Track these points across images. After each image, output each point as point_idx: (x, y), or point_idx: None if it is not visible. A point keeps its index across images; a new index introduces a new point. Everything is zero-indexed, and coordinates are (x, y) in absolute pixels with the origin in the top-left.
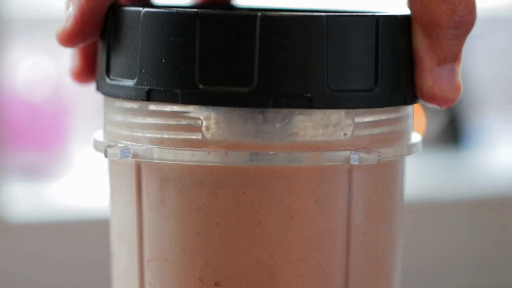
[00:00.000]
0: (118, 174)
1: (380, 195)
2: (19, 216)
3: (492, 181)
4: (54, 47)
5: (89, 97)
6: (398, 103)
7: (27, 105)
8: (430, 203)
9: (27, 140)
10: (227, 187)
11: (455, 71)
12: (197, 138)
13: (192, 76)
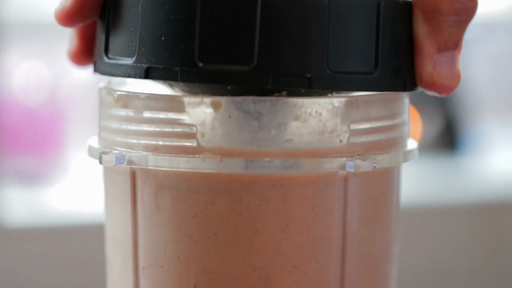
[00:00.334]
0: (113, 181)
1: (376, 202)
2: (15, 221)
3: (488, 187)
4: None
5: (85, 102)
6: (397, 88)
7: (23, 110)
8: (426, 208)
9: (23, 145)
10: (223, 195)
11: (455, 58)
12: (192, 145)
13: (191, 54)
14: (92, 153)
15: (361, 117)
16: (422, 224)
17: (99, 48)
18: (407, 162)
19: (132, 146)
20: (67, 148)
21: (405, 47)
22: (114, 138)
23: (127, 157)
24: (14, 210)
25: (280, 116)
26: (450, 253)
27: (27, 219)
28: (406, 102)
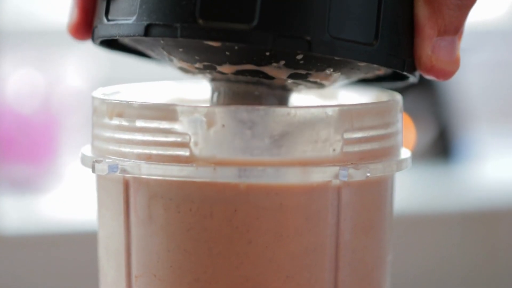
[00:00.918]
0: (106, 189)
1: (369, 212)
2: (8, 228)
3: (482, 194)
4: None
5: (79, 110)
6: (396, 66)
7: (16, 118)
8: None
9: (16, 152)
10: (218, 205)
11: (455, 43)
12: (185, 154)
13: (193, 11)
14: (85, 161)
15: (354, 126)
16: (415, 232)
17: (99, 14)
18: (401, 171)
19: (125, 154)
20: (61, 155)
21: (405, 27)
22: (107, 147)
23: (120, 166)
24: (8, 217)
25: (274, 124)
26: (444, 261)
27: (21, 226)
28: (399, 111)
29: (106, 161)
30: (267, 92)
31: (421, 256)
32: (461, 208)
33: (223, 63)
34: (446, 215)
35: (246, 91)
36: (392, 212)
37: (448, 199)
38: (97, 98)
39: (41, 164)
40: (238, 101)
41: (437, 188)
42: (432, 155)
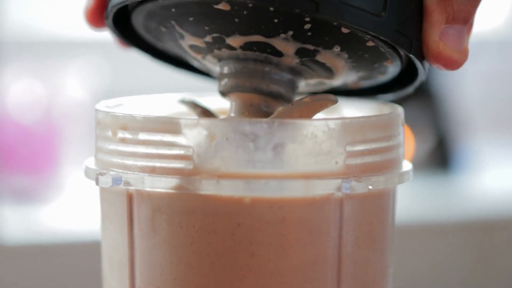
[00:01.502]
0: (109, 202)
1: (371, 224)
2: (10, 238)
3: (480, 204)
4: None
5: (80, 120)
6: (403, 45)
7: (18, 128)
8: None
9: (18, 163)
10: (221, 218)
11: (463, 34)
12: (188, 167)
13: None
14: (89, 174)
15: (356, 139)
16: (413, 242)
17: None
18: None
19: (129, 167)
20: (62, 166)
21: (414, 10)
22: (111, 159)
23: (124, 179)
24: (10, 227)
25: (276, 137)
26: (443, 270)
27: (22, 236)
28: (401, 124)
29: (110, 173)
30: (275, 73)
31: (420, 266)
32: (459, 218)
33: (232, 33)
34: (445, 225)
35: (254, 69)
36: (394, 224)
37: (446, 209)
38: (101, 111)
39: (42, 175)
40: (245, 80)
41: (436, 197)
42: (431, 165)
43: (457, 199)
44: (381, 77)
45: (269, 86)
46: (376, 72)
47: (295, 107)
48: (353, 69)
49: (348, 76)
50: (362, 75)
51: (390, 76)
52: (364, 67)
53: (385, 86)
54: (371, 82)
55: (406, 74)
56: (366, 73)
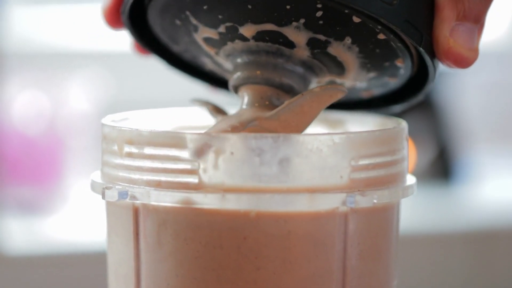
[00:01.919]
0: (115, 215)
1: (376, 238)
2: (15, 249)
3: (481, 215)
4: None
5: (84, 132)
6: (414, 37)
7: (22, 140)
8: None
9: (22, 174)
10: (227, 233)
11: (474, 33)
12: (194, 181)
13: None
14: (95, 188)
15: (361, 153)
16: (416, 252)
17: None
18: None
19: (135, 181)
20: (66, 177)
21: (427, 4)
22: (117, 173)
23: (130, 193)
24: (14, 238)
25: (282, 152)
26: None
27: (26, 247)
28: (405, 138)
29: (116, 187)
30: (287, 65)
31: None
32: (460, 228)
33: (245, 21)
34: (446, 235)
35: (266, 61)
36: (398, 238)
37: (447, 219)
38: (107, 125)
39: (46, 186)
40: (257, 71)
41: (437, 208)
42: (432, 175)
43: (458, 209)
44: (392, 81)
45: (280, 78)
46: (387, 74)
47: (305, 97)
48: (364, 68)
49: (359, 75)
50: (372, 76)
51: (400, 82)
52: (375, 65)
53: (396, 95)
54: (382, 88)
55: (417, 81)
56: (377, 73)
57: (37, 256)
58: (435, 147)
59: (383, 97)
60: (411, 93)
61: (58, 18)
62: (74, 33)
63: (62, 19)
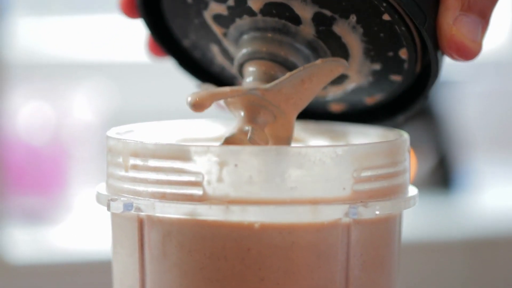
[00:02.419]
0: (120, 227)
1: (378, 248)
2: (20, 257)
3: (481, 222)
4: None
5: (88, 142)
6: (416, 16)
7: (27, 149)
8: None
9: (27, 183)
10: (231, 244)
11: (478, 26)
12: (198, 193)
13: None
14: (100, 199)
15: (363, 165)
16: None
17: None
18: None
19: (140, 193)
20: (70, 186)
21: None
22: (122, 185)
23: (135, 204)
24: (19, 247)
25: (285, 164)
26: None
27: (31, 255)
28: (407, 150)
29: (121, 199)
30: (292, 42)
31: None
32: (460, 236)
33: None
34: (446, 243)
35: (272, 38)
36: (400, 248)
37: (448, 227)
38: (112, 137)
39: (50, 195)
40: (262, 47)
41: (437, 216)
42: (432, 184)
43: (458, 217)
44: (396, 79)
45: (286, 54)
46: (391, 70)
47: (306, 70)
48: (367, 56)
49: (363, 66)
50: (376, 70)
51: (404, 83)
52: (378, 54)
53: (399, 103)
54: (386, 93)
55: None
56: (381, 66)
57: (42, 265)
58: (435, 156)
59: (387, 106)
60: (415, 98)
61: (62, 29)
62: (78, 44)
63: (67, 30)
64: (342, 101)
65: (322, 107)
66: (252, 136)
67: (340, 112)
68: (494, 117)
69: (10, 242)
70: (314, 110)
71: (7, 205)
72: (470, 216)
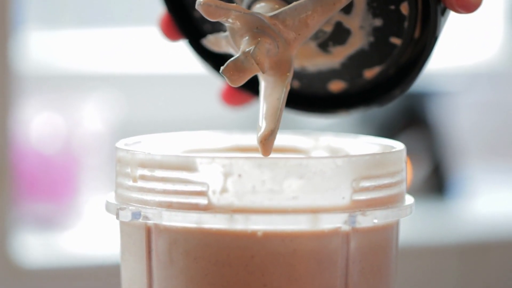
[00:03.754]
0: (129, 235)
1: (376, 255)
2: (32, 262)
3: (474, 228)
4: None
5: (97, 150)
6: None
7: (39, 158)
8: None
9: (39, 191)
10: (235, 251)
11: None
12: (203, 202)
13: None
14: (110, 208)
15: (362, 175)
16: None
17: None
18: None
19: (147, 202)
20: (81, 193)
21: None
22: (130, 195)
23: (143, 213)
24: (32, 252)
25: (287, 174)
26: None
27: (43, 260)
28: (404, 161)
29: (130, 208)
30: None
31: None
32: (454, 241)
33: None
34: (440, 247)
35: (267, 6)
36: (397, 254)
37: (442, 232)
38: (121, 148)
39: (62, 202)
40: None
41: (432, 221)
42: (427, 190)
43: (452, 223)
44: (396, 42)
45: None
46: (392, 31)
47: (310, 0)
48: (370, 8)
49: (365, 20)
50: (378, 27)
51: (403, 47)
52: (380, 8)
53: (397, 78)
54: (385, 65)
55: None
56: (382, 23)
57: (53, 269)
58: (430, 163)
59: (385, 82)
60: (411, 72)
61: (72, 42)
62: (88, 56)
63: (77, 43)
64: (342, 77)
65: (322, 88)
66: (255, 51)
67: (340, 91)
68: (487, 127)
69: (23, 246)
70: (315, 92)
71: (20, 211)
72: (463, 222)
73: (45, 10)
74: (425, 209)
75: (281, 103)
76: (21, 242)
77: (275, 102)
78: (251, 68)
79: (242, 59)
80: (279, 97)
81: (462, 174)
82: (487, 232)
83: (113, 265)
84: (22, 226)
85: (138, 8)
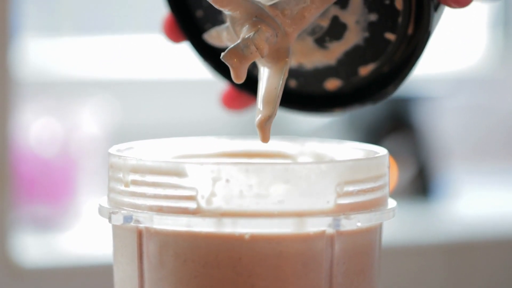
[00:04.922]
0: (121, 238)
1: (360, 256)
2: (31, 262)
3: (458, 228)
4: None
5: (94, 154)
6: None
7: (38, 161)
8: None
9: (38, 193)
10: (223, 253)
11: None
12: (192, 206)
13: None
14: (102, 212)
15: (346, 180)
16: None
17: None
18: None
19: (139, 206)
20: (78, 195)
21: None
22: (122, 199)
23: (134, 217)
24: (30, 252)
25: (273, 179)
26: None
27: (42, 260)
28: (387, 166)
29: (121, 212)
30: None
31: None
32: (438, 241)
33: None
34: (425, 247)
35: None
36: (380, 256)
37: (426, 232)
38: (113, 154)
39: (60, 204)
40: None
41: (417, 222)
42: (412, 192)
43: (436, 223)
44: (390, 37)
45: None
46: (386, 26)
47: None
48: (366, 3)
49: (361, 14)
50: (372, 22)
51: (397, 43)
52: (375, 3)
53: (390, 75)
54: (379, 61)
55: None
56: (377, 17)
57: (52, 269)
58: (415, 166)
59: (379, 79)
60: (404, 68)
61: (70, 49)
62: (85, 63)
63: (74, 50)
64: (338, 75)
65: (318, 86)
66: (255, 36)
67: (335, 89)
68: (470, 130)
69: (22, 247)
70: (311, 91)
71: (19, 212)
72: (448, 222)
73: (43, 18)
74: (411, 211)
75: (279, 89)
76: (20, 243)
77: (273, 88)
78: (251, 54)
79: (242, 45)
80: (277, 83)
81: (446, 176)
82: (471, 232)
83: (110, 265)
84: (21, 227)
85: (135, 15)
